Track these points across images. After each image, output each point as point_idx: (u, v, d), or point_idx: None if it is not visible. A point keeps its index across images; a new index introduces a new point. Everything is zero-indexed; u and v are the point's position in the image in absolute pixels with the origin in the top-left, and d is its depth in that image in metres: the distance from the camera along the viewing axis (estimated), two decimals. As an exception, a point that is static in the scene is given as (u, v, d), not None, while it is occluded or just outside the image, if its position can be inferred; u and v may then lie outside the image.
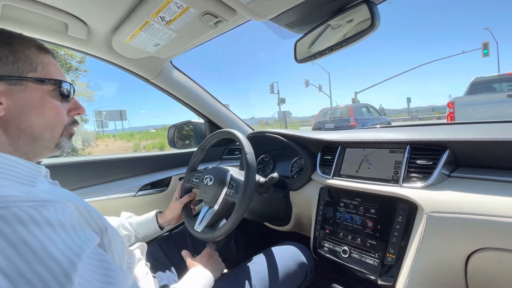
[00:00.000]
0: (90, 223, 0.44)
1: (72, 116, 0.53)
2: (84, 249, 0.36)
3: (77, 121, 0.55)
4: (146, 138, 18.33)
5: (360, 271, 0.80)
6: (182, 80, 1.26)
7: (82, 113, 0.54)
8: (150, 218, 0.89)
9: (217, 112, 1.41)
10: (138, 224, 0.87)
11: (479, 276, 0.69)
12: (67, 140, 0.52)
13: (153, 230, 0.89)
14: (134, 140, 17.35)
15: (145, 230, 0.88)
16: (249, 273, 0.75)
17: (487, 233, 0.62)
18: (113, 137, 20.63)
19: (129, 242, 0.85)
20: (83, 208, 0.44)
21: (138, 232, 0.87)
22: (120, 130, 29.80)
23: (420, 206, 0.71)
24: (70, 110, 0.53)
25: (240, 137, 0.84)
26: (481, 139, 0.70)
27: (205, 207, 0.90)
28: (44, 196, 0.41)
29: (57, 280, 0.31)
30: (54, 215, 0.36)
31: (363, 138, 0.95)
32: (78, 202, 0.44)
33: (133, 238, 0.86)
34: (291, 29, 0.85)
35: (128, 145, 15.61)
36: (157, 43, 0.90)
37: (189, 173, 1.01)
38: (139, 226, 0.87)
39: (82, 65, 12.48)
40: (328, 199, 0.96)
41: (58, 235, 0.35)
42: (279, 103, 28.46)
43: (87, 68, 13.30)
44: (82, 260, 0.35)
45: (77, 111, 0.54)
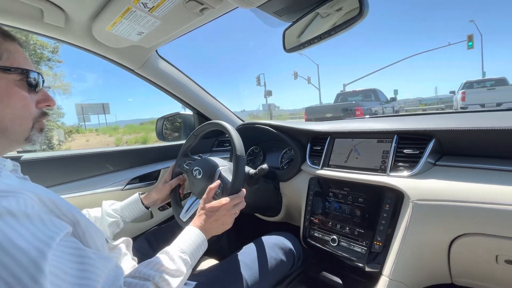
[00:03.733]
0: (59, 215, 0.43)
1: (41, 108, 0.51)
2: (53, 238, 0.35)
3: (47, 113, 0.52)
4: (130, 132, 17.75)
5: (349, 258, 0.81)
6: (168, 70, 1.22)
7: (52, 105, 0.52)
8: (134, 200, 0.89)
9: (206, 104, 1.38)
10: (122, 208, 0.87)
11: (461, 259, 0.71)
12: (38, 134, 0.50)
13: (139, 211, 0.89)
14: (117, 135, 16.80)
15: (131, 212, 0.88)
16: (238, 264, 0.75)
17: (470, 220, 0.64)
18: (96, 132, 19.85)
19: (118, 228, 0.85)
20: (48, 201, 0.42)
21: (125, 216, 0.86)
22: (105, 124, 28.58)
23: (407, 194, 0.72)
24: (39, 101, 0.50)
25: (233, 135, 0.81)
26: (465, 128, 0.71)
27: (192, 197, 0.90)
28: (3, 187, 0.39)
29: (27, 271, 0.31)
30: (16, 206, 0.35)
31: (352, 128, 0.95)
32: (43, 194, 0.42)
33: (121, 223, 0.86)
34: (280, 17, 0.83)
35: (110, 140, 15.10)
36: (141, 32, 0.86)
37: (180, 158, 1.00)
38: (124, 210, 0.87)
39: (55, 55, 11.50)
40: (317, 189, 0.97)
41: (23, 225, 0.34)
42: (266, 96, 27.86)
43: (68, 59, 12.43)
44: (52, 248, 0.34)
45: (47, 103, 0.51)
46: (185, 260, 0.58)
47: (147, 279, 0.51)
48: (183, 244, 0.61)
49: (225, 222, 0.71)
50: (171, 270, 0.54)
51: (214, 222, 0.69)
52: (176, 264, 0.56)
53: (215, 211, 0.70)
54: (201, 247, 0.64)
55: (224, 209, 0.70)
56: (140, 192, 0.93)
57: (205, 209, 0.71)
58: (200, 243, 0.64)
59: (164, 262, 0.55)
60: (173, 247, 0.60)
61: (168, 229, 1.00)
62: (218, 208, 0.70)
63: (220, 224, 0.70)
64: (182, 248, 0.60)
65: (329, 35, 0.73)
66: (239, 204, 0.75)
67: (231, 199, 0.72)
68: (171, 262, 0.56)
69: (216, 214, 0.70)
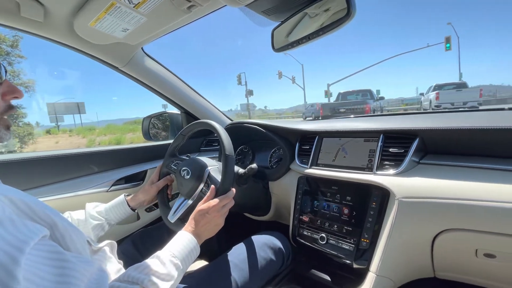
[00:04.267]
0: (34, 218, 0.41)
1: (8, 101, 0.48)
2: (27, 243, 0.34)
3: (14, 107, 0.49)
4: (105, 133, 16.98)
5: (337, 256, 0.83)
6: (155, 68, 1.19)
7: (19, 97, 0.49)
8: (120, 201, 0.87)
9: (194, 102, 1.36)
10: (107, 210, 0.84)
11: (443, 254, 0.74)
12: (5, 131, 0.47)
13: (125, 213, 0.87)
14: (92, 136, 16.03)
15: (117, 214, 0.85)
16: (228, 264, 0.75)
17: (451, 216, 0.67)
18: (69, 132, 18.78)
19: (103, 230, 0.82)
20: (22, 203, 0.40)
21: (110, 218, 0.84)
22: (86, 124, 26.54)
23: (392, 192, 0.74)
24: (5, 94, 0.47)
25: (222, 134, 0.81)
26: (447, 128, 0.74)
27: (181, 198, 0.88)
28: None
29: None
30: None
31: (339, 127, 0.96)
32: (16, 196, 0.40)
33: (106, 225, 0.83)
34: (268, 17, 0.83)
35: (82, 142, 14.42)
36: (126, 28, 0.84)
37: (168, 158, 0.98)
38: (109, 212, 0.84)
39: (15, 50, 10.40)
40: (306, 188, 0.98)
41: None
42: (247, 95, 27.30)
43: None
44: (25, 253, 0.32)
45: (14, 95, 0.48)
46: (176, 264, 0.57)
47: (135, 283, 0.49)
48: (174, 248, 0.60)
49: (217, 223, 0.71)
50: (161, 274, 0.53)
51: (206, 224, 0.68)
52: (167, 268, 0.55)
53: (205, 214, 0.69)
54: (193, 252, 0.63)
55: (214, 210, 0.70)
56: (126, 193, 0.91)
57: (195, 213, 0.70)
58: (192, 248, 0.63)
59: (154, 266, 0.54)
60: (164, 251, 0.59)
61: (155, 231, 0.98)
62: (207, 210, 0.69)
63: (213, 226, 0.70)
64: (174, 252, 0.59)
65: (318, 35, 0.74)
66: (228, 204, 0.75)
67: (220, 199, 0.72)
68: (162, 266, 0.55)
69: (207, 216, 0.69)
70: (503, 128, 0.66)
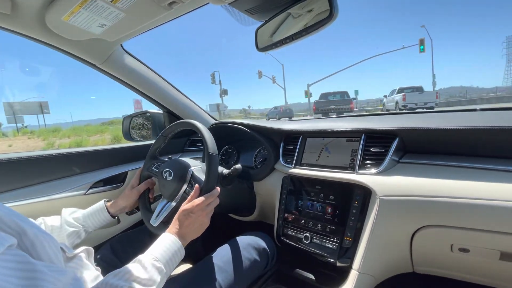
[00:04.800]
0: (1, 226, 0.39)
1: None
2: None
3: None
4: (70, 135, 15.75)
5: (321, 255, 0.84)
6: (135, 66, 1.15)
7: None
8: (99, 208, 0.83)
9: (177, 102, 1.33)
10: (85, 217, 0.81)
11: (421, 249, 0.77)
12: None
13: (104, 220, 0.83)
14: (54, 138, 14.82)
15: (95, 221, 0.82)
16: (212, 267, 0.73)
17: (429, 213, 0.69)
18: (30, 134, 17.10)
19: (79, 238, 0.79)
20: None
21: (88, 225, 0.80)
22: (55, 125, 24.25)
23: (374, 191, 0.76)
24: None
25: (204, 133, 0.79)
26: (424, 128, 0.77)
27: (163, 201, 0.86)
28: None
29: None
30: None
31: (323, 127, 0.98)
32: None
33: (83, 233, 0.79)
34: (251, 16, 0.82)
35: (40, 145, 13.37)
36: (103, 24, 0.80)
37: (149, 161, 0.95)
38: (87, 219, 0.81)
39: None
40: (290, 187, 0.98)
41: None
42: (221, 95, 26.60)
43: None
44: None
45: None
46: (159, 268, 0.55)
47: None
48: (157, 251, 0.58)
49: (202, 222, 0.69)
50: (143, 279, 0.51)
51: (191, 225, 0.66)
52: (149, 273, 0.53)
53: (189, 213, 0.67)
54: (177, 254, 0.61)
55: (199, 209, 0.68)
56: (106, 199, 0.87)
57: (178, 213, 0.68)
58: (176, 250, 0.61)
59: (135, 271, 0.52)
60: (146, 255, 0.57)
61: (136, 235, 0.95)
62: (192, 209, 0.67)
63: (198, 225, 0.68)
64: (156, 256, 0.57)
65: (301, 35, 0.74)
66: (213, 202, 0.73)
67: (204, 198, 0.70)
68: (143, 271, 0.53)
69: (191, 216, 0.67)
70: (476, 128, 0.69)
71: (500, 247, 0.65)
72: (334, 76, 22.18)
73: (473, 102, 18.70)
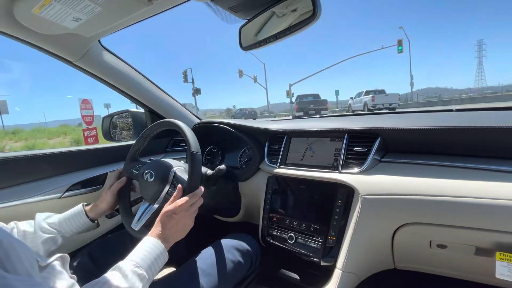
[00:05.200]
0: None
1: None
2: None
3: None
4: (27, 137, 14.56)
5: (306, 254, 0.84)
6: (115, 63, 1.10)
7: None
8: (77, 212, 0.79)
9: (159, 101, 1.29)
10: (62, 222, 0.76)
11: (402, 246, 0.79)
12: None
13: (83, 224, 0.79)
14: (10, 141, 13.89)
15: (73, 226, 0.77)
16: (195, 270, 0.72)
17: (410, 211, 0.71)
18: None
19: (55, 244, 0.74)
20: None
21: (64, 231, 0.76)
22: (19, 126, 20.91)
23: (357, 190, 0.77)
24: None
25: (186, 132, 0.77)
26: (404, 127, 0.79)
27: (145, 203, 0.83)
28: None
29: None
30: None
31: (307, 127, 0.98)
32: None
33: (59, 239, 0.75)
34: (235, 13, 0.81)
35: None
36: (78, 18, 0.76)
37: (129, 163, 0.91)
38: (64, 224, 0.76)
39: None
40: (275, 187, 0.98)
41: None
42: (194, 94, 25.55)
43: None
44: None
45: None
46: (141, 275, 0.53)
47: None
48: (137, 257, 0.56)
49: (186, 223, 0.66)
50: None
51: (174, 226, 0.64)
52: (129, 281, 0.50)
53: (172, 215, 0.64)
54: (160, 258, 0.59)
55: (182, 210, 0.66)
56: (85, 203, 0.82)
57: (161, 215, 0.65)
58: (158, 254, 0.59)
59: (115, 280, 0.49)
60: (126, 261, 0.54)
61: (116, 239, 0.91)
62: (174, 210, 0.65)
63: (181, 227, 0.65)
64: (137, 261, 0.54)
65: (285, 34, 0.74)
66: (197, 202, 0.71)
67: (188, 197, 0.68)
68: (123, 280, 0.50)
69: (174, 217, 0.64)
70: (453, 128, 0.71)
71: (475, 242, 0.67)
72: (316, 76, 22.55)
73: (448, 102, 19.60)
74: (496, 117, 0.80)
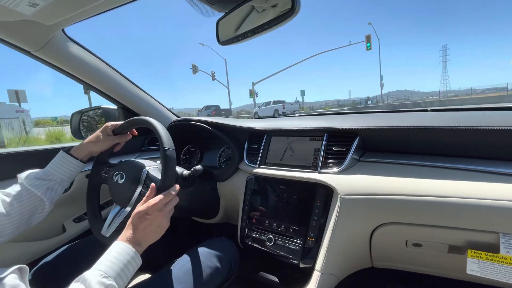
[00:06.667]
0: None
1: None
2: None
3: None
4: None
5: (285, 256, 0.82)
6: (82, 55, 1.02)
7: None
8: (61, 157, 0.75)
9: (132, 96, 1.22)
10: (48, 171, 0.73)
11: (379, 246, 0.79)
12: None
13: (74, 167, 0.76)
14: None
15: (64, 172, 0.74)
16: (171, 279, 0.68)
17: (386, 211, 0.71)
18: None
19: (57, 192, 0.73)
20: None
21: (56, 177, 0.73)
22: None
23: (335, 190, 0.76)
24: None
25: (158, 127, 0.73)
26: (382, 127, 0.79)
27: (116, 207, 0.77)
28: None
29: None
30: None
31: (287, 126, 0.96)
32: None
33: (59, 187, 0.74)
34: (211, 6, 0.77)
35: None
36: (34, 3, 0.68)
37: (97, 166, 0.84)
38: (53, 172, 0.73)
39: None
40: (255, 188, 0.95)
41: None
42: None
43: None
44: None
45: None
46: (109, 286, 0.48)
47: None
48: (104, 265, 0.51)
49: (160, 224, 0.61)
50: None
51: (147, 228, 0.59)
52: None
53: (144, 215, 0.59)
54: (131, 264, 0.54)
55: (155, 209, 0.60)
56: (65, 148, 0.78)
57: (132, 217, 0.60)
58: (129, 260, 0.53)
59: None
60: (92, 272, 0.49)
61: (83, 246, 0.84)
62: (147, 210, 0.60)
63: (155, 228, 0.60)
64: (104, 270, 0.49)
65: (263, 29, 0.71)
66: (172, 201, 0.66)
67: (163, 195, 0.63)
68: None
69: (147, 218, 0.59)
70: (430, 128, 0.72)
71: (448, 241, 0.69)
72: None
73: (418, 105, 20.53)
74: (468, 118, 0.82)
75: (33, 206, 0.68)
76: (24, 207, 0.67)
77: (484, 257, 0.64)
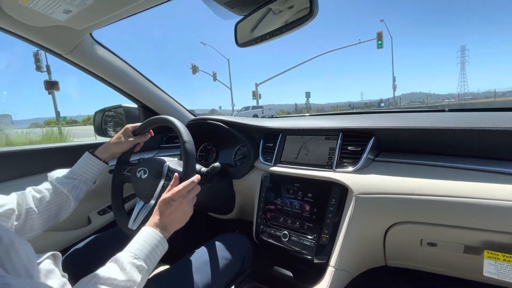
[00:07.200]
0: None
1: None
2: None
3: None
4: None
5: (299, 252, 0.84)
6: (107, 57, 1.08)
7: None
8: (86, 159, 0.81)
9: (152, 96, 1.27)
10: (74, 171, 0.78)
11: (393, 244, 0.80)
12: None
13: (98, 167, 0.82)
14: None
15: (89, 172, 0.80)
16: (190, 268, 0.72)
17: (402, 210, 0.72)
18: None
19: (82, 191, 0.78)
20: None
21: (81, 177, 0.78)
22: None
23: (350, 188, 0.77)
24: None
25: (177, 123, 0.77)
26: (398, 127, 0.79)
27: (140, 202, 0.82)
28: None
29: None
30: None
31: (302, 125, 0.98)
32: None
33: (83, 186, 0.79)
34: (231, 9, 0.79)
35: None
36: (68, 10, 0.73)
37: (119, 167, 0.90)
38: (79, 172, 0.78)
39: None
40: (270, 185, 0.98)
41: None
42: None
43: None
44: None
45: None
46: (139, 266, 0.52)
47: None
48: (134, 248, 0.55)
49: (184, 211, 0.64)
50: (121, 281, 0.48)
51: (173, 214, 0.62)
52: (127, 273, 0.49)
53: (170, 201, 0.63)
54: (158, 247, 0.57)
55: (179, 196, 0.64)
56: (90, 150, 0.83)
57: (158, 204, 0.64)
58: (156, 244, 0.57)
59: (112, 274, 0.48)
60: (124, 253, 0.53)
61: (110, 236, 0.89)
62: (172, 197, 0.63)
63: (180, 214, 0.64)
64: (135, 252, 0.53)
65: (281, 32, 0.73)
66: (194, 189, 0.69)
67: (186, 184, 0.66)
68: (121, 273, 0.49)
69: (172, 204, 0.63)
70: (446, 129, 0.72)
71: (464, 241, 0.69)
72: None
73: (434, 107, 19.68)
74: (488, 118, 0.81)
75: (60, 203, 0.74)
76: (52, 203, 0.72)
77: (501, 258, 0.63)
